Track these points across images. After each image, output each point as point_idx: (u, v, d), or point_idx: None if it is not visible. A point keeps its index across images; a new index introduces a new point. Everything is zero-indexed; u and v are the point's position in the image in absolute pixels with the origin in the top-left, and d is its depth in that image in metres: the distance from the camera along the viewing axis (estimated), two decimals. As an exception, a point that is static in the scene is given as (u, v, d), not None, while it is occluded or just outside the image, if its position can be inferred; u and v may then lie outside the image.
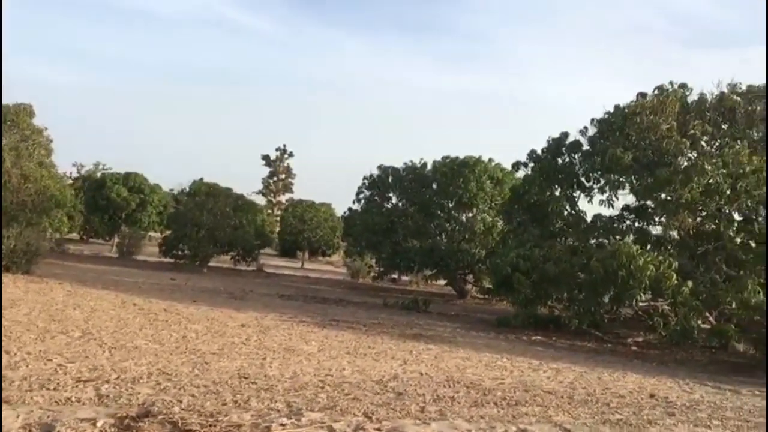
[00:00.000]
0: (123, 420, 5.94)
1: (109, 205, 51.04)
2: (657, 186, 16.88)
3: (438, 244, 29.55)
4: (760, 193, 16.26)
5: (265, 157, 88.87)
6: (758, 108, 18.79)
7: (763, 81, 19.61)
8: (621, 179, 18.15)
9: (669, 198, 16.72)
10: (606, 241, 18.32)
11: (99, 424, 5.76)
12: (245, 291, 24.90)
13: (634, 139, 18.31)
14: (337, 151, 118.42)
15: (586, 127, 19.78)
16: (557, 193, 19.70)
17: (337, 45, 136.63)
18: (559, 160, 20.84)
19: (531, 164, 21.29)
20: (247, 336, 13.24)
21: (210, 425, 6.19)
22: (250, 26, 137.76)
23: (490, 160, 31.51)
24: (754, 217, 17.05)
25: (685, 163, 16.99)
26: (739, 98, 19.72)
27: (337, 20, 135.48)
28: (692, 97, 20.19)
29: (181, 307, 17.15)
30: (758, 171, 16.35)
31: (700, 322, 17.88)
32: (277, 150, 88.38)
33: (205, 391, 7.83)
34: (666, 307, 16.84)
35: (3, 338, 9.98)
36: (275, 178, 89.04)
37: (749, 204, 16.59)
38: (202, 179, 41.59)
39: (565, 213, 19.61)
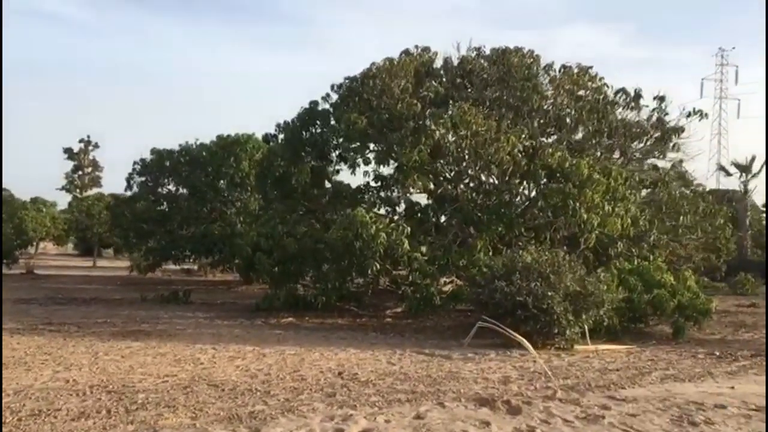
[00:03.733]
0: None
1: None
2: (389, 150, 16.25)
3: (210, 229, 27.61)
4: (488, 153, 16.03)
5: (68, 150, 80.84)
6: (495, 69, 18.81)
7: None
8: (359, 145, 17.38)
9: (402, 162, 16.12)
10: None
11: None
12: (-27, 299, 21.50)
13: (374, 104, 17.58)
14: (155, 140, 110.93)
15: (328, 94, 18.81)
16: (305, 166, 18.49)
17: (140, 28, 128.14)
18: (312, 130, 19.68)
19: (281, 135, 20.00)
20: None
21: None
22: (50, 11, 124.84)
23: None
24: (485, 177, 16.91)
25: (414, 126, 16.44)
26: (483, 61, 19.71)
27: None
28: (439, 62, 19.97)
29: None
30: (488, 131, 16.13)
31: (449, 286, 17.71)
32: (80, 142, 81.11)
33: None
34: (412, 276, 16.28)
35: None
36: (80, 172, 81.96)
37: (479, 164, 16.39)
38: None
39: (313, 186, 18.51)
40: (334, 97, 18.67)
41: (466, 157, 16.50)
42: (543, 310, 12.72)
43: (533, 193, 16.97)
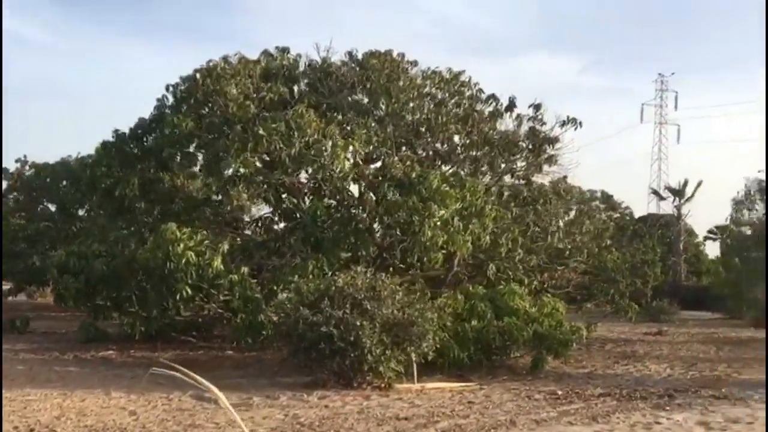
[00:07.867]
0: None
1: None
2: (214, 158, 14.22)
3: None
4: (328, 162, 14.06)
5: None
6: (354, 73, 17.02)
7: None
8: (189, 153, 15.33)
9: (232, 172, 14.11)
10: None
11: None
12: None
13: (212, 107, 15.54)
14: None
15: (165, 96, 16.68)
16: (133, 177, 16.17)
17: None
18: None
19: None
20: None
21: None
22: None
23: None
24: (329, 189, 14.87)
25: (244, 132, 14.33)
26: (353, 64, 17.89)
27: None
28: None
29: None
30: (328, 137, 14.19)
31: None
32: (17, 162, 77.41)
33: None
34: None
35: None
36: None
37: (322, 175, 14.35)
38: None
39: (142, 199, 16.26)
40: (171, 99, 16.57)
41: (307, 166, 14.51)
42: (351, 343, 10.69)
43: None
